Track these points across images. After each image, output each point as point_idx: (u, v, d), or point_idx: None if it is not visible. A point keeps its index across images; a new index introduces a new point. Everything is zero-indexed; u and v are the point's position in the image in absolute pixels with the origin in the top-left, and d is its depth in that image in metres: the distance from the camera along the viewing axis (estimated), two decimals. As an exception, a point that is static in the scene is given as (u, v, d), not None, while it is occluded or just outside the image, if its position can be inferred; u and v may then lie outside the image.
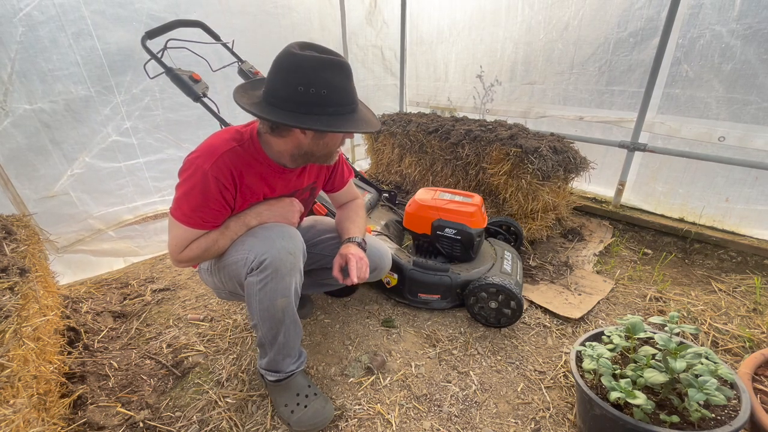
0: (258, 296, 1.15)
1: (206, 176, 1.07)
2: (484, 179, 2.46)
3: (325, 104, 1.03)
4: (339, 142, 1.20)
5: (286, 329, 1.23)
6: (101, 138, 2.06)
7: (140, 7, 2.02)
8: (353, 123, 1.08)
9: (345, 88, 1.06)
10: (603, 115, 2.67)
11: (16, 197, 1.85)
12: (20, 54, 1.74)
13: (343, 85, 1.05)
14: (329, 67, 1.01)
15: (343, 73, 1.04)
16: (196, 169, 1.08)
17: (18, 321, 1.08)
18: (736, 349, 1.56)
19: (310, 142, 1.14)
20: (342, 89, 1.05)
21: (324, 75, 1.01)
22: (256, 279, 1.13)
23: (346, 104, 1.07)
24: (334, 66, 1.02)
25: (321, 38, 3.04)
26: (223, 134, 1.17)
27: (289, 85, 1.01)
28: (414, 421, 1.31)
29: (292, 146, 1.15)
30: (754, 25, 1.99)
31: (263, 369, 1.31)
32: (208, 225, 1.13)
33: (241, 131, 1.19)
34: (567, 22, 2.71)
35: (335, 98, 1.04)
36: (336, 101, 1.05)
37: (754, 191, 2.16)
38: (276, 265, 1.12)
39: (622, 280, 2.07)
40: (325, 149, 1.18)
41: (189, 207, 1.09)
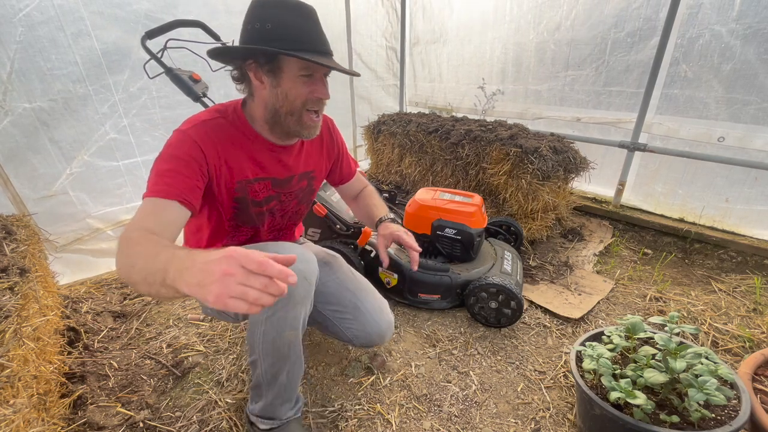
0: (263, 326, 1.01)
1: (184, 135, 0.98)
2: (484, 179, 2.46)
3: (269, 38, 0.94)
4: (304, 96, 1.01)
5: (290, 367, 1.09)
6: (99, 136, 2.07)
7: (138, 8, 2.04)
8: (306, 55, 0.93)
9: (299, 25, 0.96)
10: (600, 116, 2.67)
11: (16, 197, 1.85)
12: (20, 53, 1.75)
13: (295, 22, 0.95)
14: (281, 3, 0.95)
15: (297, 11, 0.96)
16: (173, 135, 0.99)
17: (18, 321, 1.08)
18: (736, 349, 1.56)
19: (269, 92, 1.02)
20: (293, 23, 0.95)
21: (273, 11, 0.95)
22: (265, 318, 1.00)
23: (301, 42, 0.95)
24: (289, 3, 0.96)
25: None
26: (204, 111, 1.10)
27: (243, 28, 0.99)
28: (414, 421, 1.31)
29: (261, 107, 1.05)
30: (753, 25, 1.99)
31: (255, 416, 1.15)
32: (172, 193, 0.89)
33: (224, 104, 1.10)
34: (559, 22, 2.70)
35: (283, 32, 0.94)
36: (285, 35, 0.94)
37: (753, 191, 2.16)
38: (290, 291, 0.96)
39: (622, 280, 2.07)
40: (287, 102, 1.01)
41: (156, 171, 0.93)
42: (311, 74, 1.01)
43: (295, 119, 1.04)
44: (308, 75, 1.00)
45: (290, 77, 1.00)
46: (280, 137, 1.13)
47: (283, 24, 0.94)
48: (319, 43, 0.99)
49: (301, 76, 1.00)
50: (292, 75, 0.99)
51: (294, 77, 0.99)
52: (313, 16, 0.98)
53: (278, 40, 0.94)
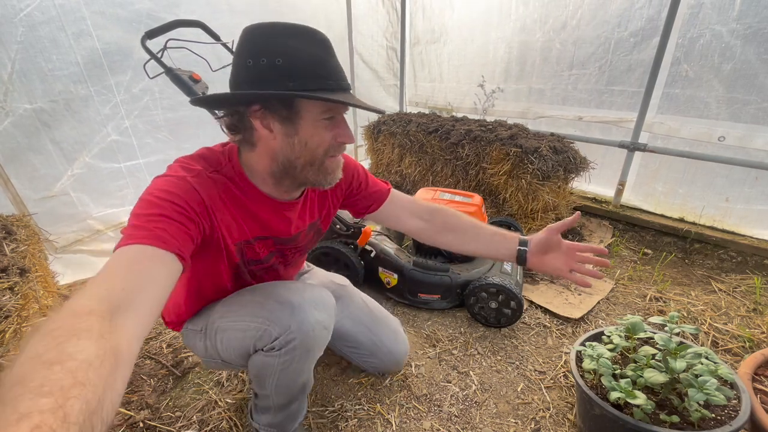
0: (277, 376, 0.94)
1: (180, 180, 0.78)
2: (484, 179, 2.46)
3: (282, 76, 0.75)
4: (326, 142, 0.84)
5: (302, 397, 1.10)
6: (101, 137, 2.06)
7: (140, 8, 2.03)
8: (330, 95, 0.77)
9: (314, 57, 0.77)
10: (602, 115, 2.67)
11: (16, 197, 1.85)
12: (20, 54, 1.75)
13: (310, 52, 0.77)
14: (288, 31, 0.77)
15: (307, 39, 0.78)
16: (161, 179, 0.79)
17: (18, 321, 1.08)
18: (736, 349, 1.56)
19: (281, 142, 0.83)
20: (309, 57, 0.77)
21: (279, 41, 0.76)
22: (277, 360, 0.91)
23: (319, 78, 0.77)
24: (294, 31, 0.77)
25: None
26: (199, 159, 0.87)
27: (240, 64, 0.78)
28: (414, 421, 1.31)
29: (267, 158, 0.86)
30: (754, 25, 1.99)
31: (263, 426, 1.13)
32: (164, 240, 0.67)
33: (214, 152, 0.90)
34: (565, 21, 2.70)
35: (298, 68, 0.75)
36: (300, 72, 0.76)
37: (754, 191, 2.16)
38: (308, 345, 0.90)
39: (622, 280, 2.07)
40: (306, 152, 0.84)
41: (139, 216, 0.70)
42: (333, 116, 0.84)
43: (315, 169, 0.87)
44: (330, 117, 0.83)
45: (310, 123, 0.82)
46: (287, 191, 0.95)
47: (298, 57, 0.76)
48: (340, 77, 0.82)
49: (323, 119, 0.83)
50: (313, 120, 0.82)
51: (315, 122, 0.82)
52: (327, 44, 0.81)
53: (294, 78, 0.76)
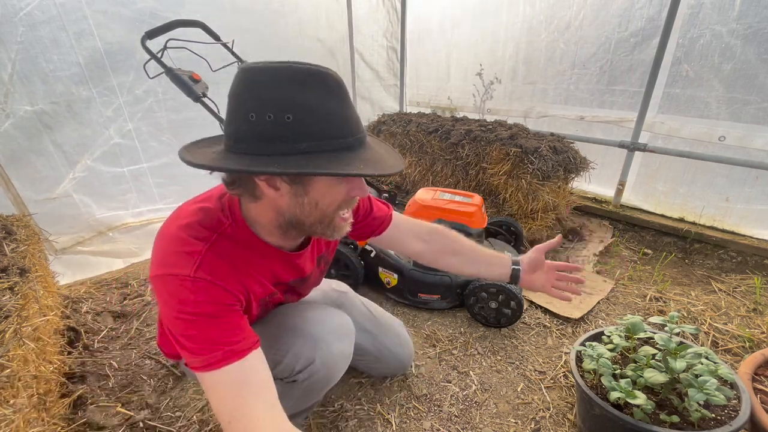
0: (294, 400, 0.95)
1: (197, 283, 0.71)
2: (484, 179, 2.46)
3: (292, 137, 0.65)
4: (339, 200, 0.76)
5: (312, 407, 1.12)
6: (103, 140, 2.04)
7: (143, 6, 2.00)
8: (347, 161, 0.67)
9: (328, 110, 0.66)
10: (603, 115, 2.67)
11: (17, 198, 1.85)
12: (21, 54, 1.73)
13: (322, 106, 0.66)
14: (297, 79, 0.64)
15: (321, 89, 0.66)
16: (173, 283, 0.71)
17: (18, 321, 1.08)
18: (736, 349, 1.56)
19: (289, 201, 0.74)
20: (321, 112, 0.66)
21: (287, 92, 0.64)
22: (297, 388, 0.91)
23: (333, 136, 0.67)
24: (305, 78, 0.65)
25: (328, 36, 3.04)
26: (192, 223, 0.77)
27: (240, 116, 0.67)
28: (414, 421, 1.31)
29: (272, 212, 0.78)
30: (754, 25, 1.99)
31: None
32: (242, 347, 0.73)
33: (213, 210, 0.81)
34: (569, 21, 2.71)
35: (311, 126, 0.65)
36: (312, 131, 0.65)
37: (754, 191, 2.16)
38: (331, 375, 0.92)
39: (622, 280, 2.07)
40: (316, 212, 0.76)
41: (201, 339, 0.71)
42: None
43: (324, 226, 0.80)
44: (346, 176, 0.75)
45: (323, 185, 0.74)
46: (294, 239, 0.90)
47: (310, 111, 0.65)
48: (357, 129, 0.71)
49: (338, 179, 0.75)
50: (327, 181, 0.73)
51: (328, 182, 0.74)
52: (342, 90, 0.69)
53: (307, 138, 0.65)
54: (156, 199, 2.32)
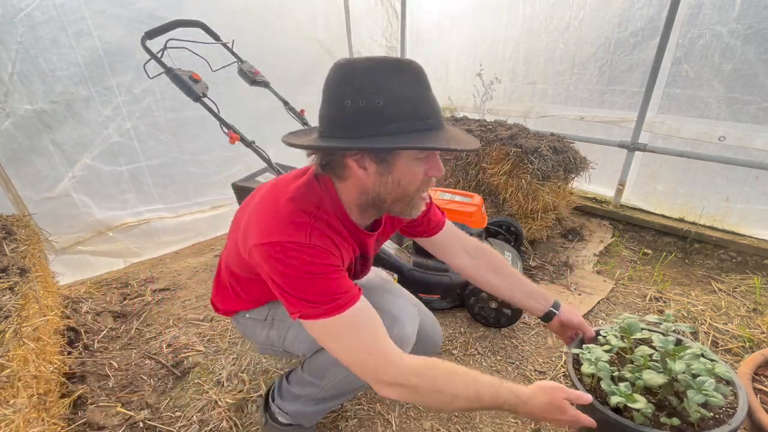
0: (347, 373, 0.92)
1: (312, 250, 0.80)
2: (484, 179, 2.46)
3: (381, 119, 0.74)
4: (419, 179, 0.84)
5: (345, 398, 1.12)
6: (102, 139, 2.05)
7: (142, 7, 2.01)
8: (431, 139, 0.75)
9: (412, 95, 0.76)
10: (603, 115, 2.67)
11: (17, 198, 1.85)
12: (21, 54, 1.74)
13: (408, 91, 0.75)
14: (384, 69, 0.75)
15: (406, 77, 0.76)
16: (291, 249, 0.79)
17: (18, 321, 1.08)
18: (736, 349, 1.56)
19: (374, 180, 0.83)
20: (407, 97, 0.75)
21: (378, 80, 0.74)
22: None
23: (417, 118, 0.76)
24: (392, 67, 0.76)
25: (325, 37, 3.03)
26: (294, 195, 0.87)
27: (336, 104, 0.77)
28: (414, 421, 1.31)
29: (356, 191, 0.87)
30: (754, 25, 1.99)
31: (284, 412, 1.13)
32: (355, 294, 0.83)
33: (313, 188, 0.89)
34: (568, 21, 2.71)
35: (398, 109, 0.74)
36: (399, 113, 0.75)
37: (754, 191, 2.16)
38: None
39: (622, 280, 2.07)
40: (398, 189, 0.84)
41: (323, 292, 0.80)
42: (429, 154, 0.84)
43: (403, 204, 0.88)
44: (426, 157, 0.83)
45: (405, 163, 0.81)
46: (368, 219, 0.98)
47: (397, 97, 0.75)
48: (437, 112, 0.80)
49: (419, 159, 0.82)
50: (408, 159, 0.81)
51: (410, 161, 0.82)
52: (424, 78, 0.78)
53: (394, 120, 0.75)
54: (155, 199, 2.32)
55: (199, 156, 2.43)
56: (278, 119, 2.14)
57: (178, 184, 2.39)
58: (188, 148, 2.37)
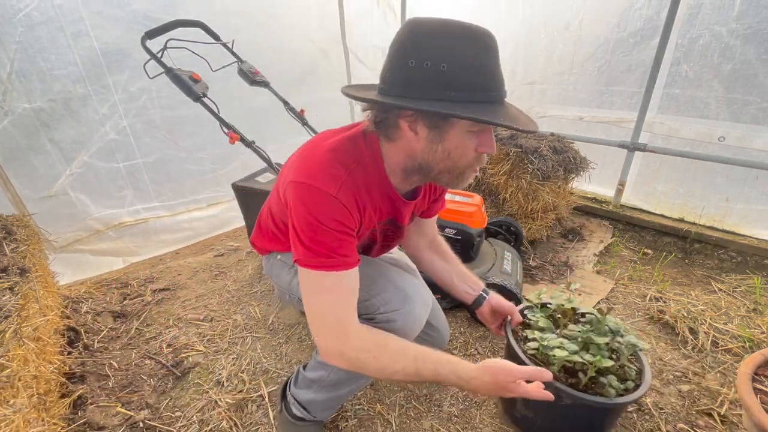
0: None
1: (333, 200, 0.80)
2: (484, 179, 2.46)
3: (444, 84, 0.71)
4: (470, 154, 0.81)
5: (355, 386, 1.12)
6: (99, 137, 2.06)
7: (137, 8, 2.04)
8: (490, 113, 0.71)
9: (480, 65, 0.72)
10: (602, 115, 2.67)
11: (16, 197, 1.85)
12: (19, 54, 1.74)
13: (476, 60, 0.72)
14: (456, 34, 0.72)
15: (477, 45, 0.72)
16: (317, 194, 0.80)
17: (18, 321, 1.08)
18: (736, 349, 1.56)
19: (424, 146, 0.81)
20: (474, 66, 0.71)
21: (447, 43, 0.71)
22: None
23: (479, 89, 0.73)
24: (465, 33, 0.72)
25: (319, 37, 3.03)
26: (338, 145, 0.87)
27: (399, 62, 0.75)
28: (414, 420, 1.31)
29: (403, 154, 0.86)
30: (753, 25, 1.99)
31: (298, 401, 1.15)
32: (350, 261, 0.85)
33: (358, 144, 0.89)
34: (567, 22, 2.71)
35: (462, 77, 0.71)
36: (462, 82, 0.71)
37: (754, 191, 2.16)
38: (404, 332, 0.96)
39: (622, 280, 2.07)
40: (447, 160, 0.82)
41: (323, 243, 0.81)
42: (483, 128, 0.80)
43: (452, 176, 0.86)
44: (481, 130, 0.80)
45: (458, 133, 0.79)
46: (412, 183, 0.96)
47: (463, 65, 0.71)
48: (500, 86, 0.76)
49: (474, 132, 0.80)
50: (462, 131, 0.79)
51: (463, 133, 0.79)
52: (495, 50, 0.75)
53: (456, 88, 0.72)
54: (152, 196, 2.33)
55: (195, 153, 2.44)
56: (276, 119, 2.14)
57: (175, 182, 2.40)
58: (184, 145, 2.38)
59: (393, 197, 0.95)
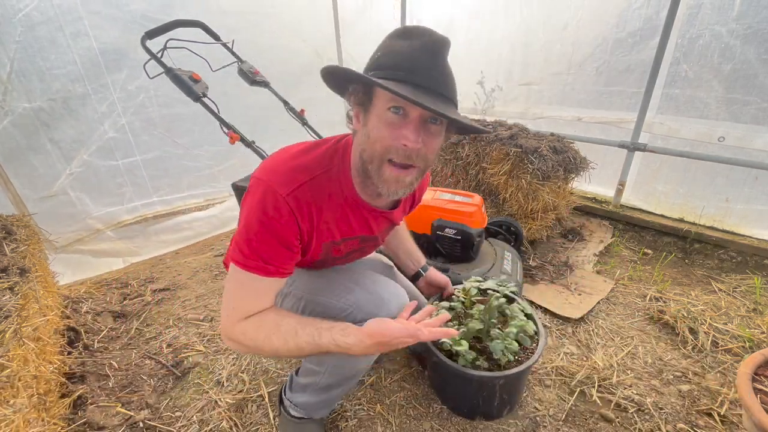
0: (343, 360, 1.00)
1: (281, 201, 0.81)
2: (484, 179, 2.45)
3: (372, 66, 0.79)
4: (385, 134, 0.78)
5: (348, 385, 1.13)
6: (98, 135, 2.07)
7: (135, 9, 2.05)
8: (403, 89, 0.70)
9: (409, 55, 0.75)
10: (601, 116, 2.67)
11: (16, 197, 1.85)
12: (19, 53, 1.75)
13: (407, 51, 0.76)
14: (405, 34, 0.78)
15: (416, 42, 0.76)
16: (267, 192, 0.81)
17: (18, 321, 1.08)
18: (736, 349, 1.56)
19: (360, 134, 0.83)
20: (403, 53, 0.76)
21: (394, 40, 0.79)
22: None
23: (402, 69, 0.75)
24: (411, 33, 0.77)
25: (313, 38, 3.04)
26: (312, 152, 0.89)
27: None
28: (414, 421, 1.31)
29: (356, 153, 0.87)
30: (753, 25, 1.99)
31: (294, 404, 1.16)
32: (270, 270, 0.85)
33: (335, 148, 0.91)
34: (566, 22, 2.71)
35: (387, 59, 0.77)
36: (387, 63, 0.77)
37: (754, 191, 2.16)
38: None
39: (622, 280, 2.07)
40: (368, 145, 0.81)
41: (250, 243, 0.82)
42: (405, 113, 0.77)
43: (374, 168, 0.82)
44: (398, 113, 0.77)
45: (377, 112, 0.78)
46: (371, 197, 0.94)
47: (392, 52, 0.77)
48: (424, 75, 0.75)
49: (390, 111, 0.76)
50: (380, 109, 0.78)
51: (380, 113, 0.78)
52: (435, 48, 0.77)
53: (379, 68, 0.77)
54: (150, 192, 2.34)
55: (192, 150, 2.46)
56: (276, 119, 2.14)
57: (172, 177, 2.42)
58: (181, 142, 2.40)
59: (362, 209, 0.95)
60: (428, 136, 0.80)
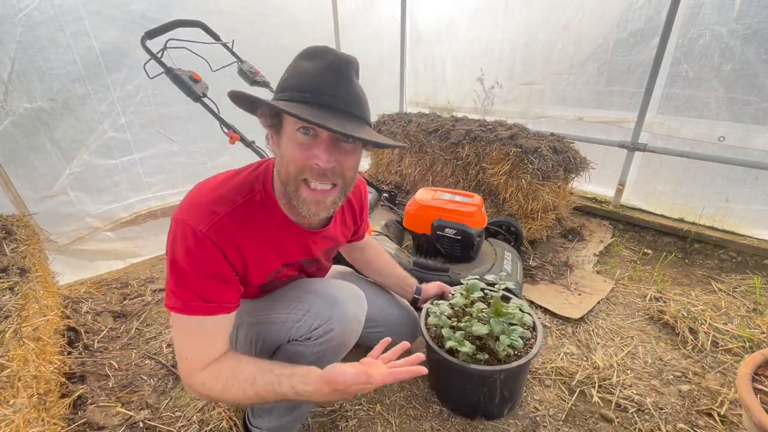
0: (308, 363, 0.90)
1: (203, 242, 0.79)
2: (484, 179, 2.46)
3: (280, 89, 0.79)
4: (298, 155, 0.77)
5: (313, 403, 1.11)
6: (98, 134, 2.08)
7: (135, 9, 2.06)
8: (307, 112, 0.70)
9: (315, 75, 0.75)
10: (601, 116, 2.67)
11: (17, 197, 1.85)
12: (20, 53, 1.75)
13: (315, 71, 0.75)
14: (311, 54, 0.78)
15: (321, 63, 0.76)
16: (185, 231, 0.79)
17: (18, 321, 1.08)
18: (736, 349, 1.56)
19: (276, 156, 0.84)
20: (308, 74, 0.75)
21: (299, 60, 0.79)
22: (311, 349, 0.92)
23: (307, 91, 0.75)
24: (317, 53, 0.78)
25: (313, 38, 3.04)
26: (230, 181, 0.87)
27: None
28: (414, 421, 1.31)
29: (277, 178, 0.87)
30: (753, 25, 1.99)
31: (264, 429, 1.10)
32: (212, 308, 0.81)
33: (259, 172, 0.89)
34: (567, 22, 2.71)
35: (293, 81, 0.77)
36: (292, 85, 0.76)
37: (754, 191, 2.16)
38: (344, 338, 0.94)
39: (622, 280, 2.07)
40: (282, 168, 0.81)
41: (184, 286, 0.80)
42: (315, 134, 0.77)
43: (292, 190, 0.82)
44: (308, 133, 0.77)
45: (288, 133, 0.78)
46: (300, 217, 0.92)
47: (298, 73, 0.77)
48: (330, 95, 0.75)
49: (300, 132, 0.76)
50: (290, 131, 0.78)
51: (291, 134, 0.78)
52: (340, 67, 0.77)
53: (284, 89, 0.77)
54: (144, 187, 2.35)
55: (187, 147, 2.48)
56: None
57: (166, 173, 2.43)
58: (177, 139, 2.42)
59: (295, 231, 0.93)
60: (342, 155, 0.80)
